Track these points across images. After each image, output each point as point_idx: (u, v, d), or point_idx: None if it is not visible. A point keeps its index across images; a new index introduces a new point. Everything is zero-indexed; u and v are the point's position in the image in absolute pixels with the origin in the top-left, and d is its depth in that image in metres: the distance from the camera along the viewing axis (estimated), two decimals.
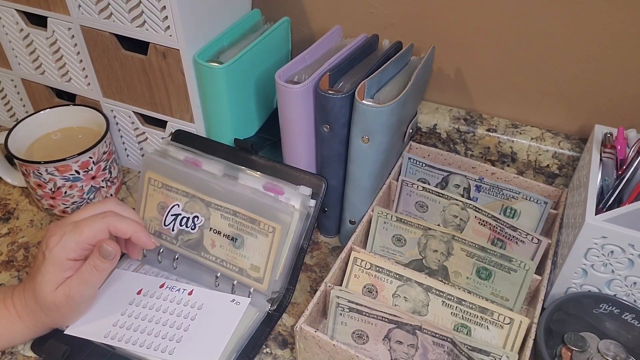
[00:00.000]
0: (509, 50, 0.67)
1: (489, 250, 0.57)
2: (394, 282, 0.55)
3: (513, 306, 0.56)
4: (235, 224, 0.59)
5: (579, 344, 0.54)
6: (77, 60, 0.69)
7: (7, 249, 0.67)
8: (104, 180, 0.71)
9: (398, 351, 0.52)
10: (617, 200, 0.57)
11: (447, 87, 0.74)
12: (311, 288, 0.63)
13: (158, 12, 0.58)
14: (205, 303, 0.57)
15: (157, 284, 0.59)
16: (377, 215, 0.61)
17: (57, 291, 0.50)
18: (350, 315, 0.52)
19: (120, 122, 0.74)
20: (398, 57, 0.61)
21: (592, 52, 0.63)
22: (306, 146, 0.62)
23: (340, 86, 0.58)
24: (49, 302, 0.51)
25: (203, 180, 0.60)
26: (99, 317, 0.56)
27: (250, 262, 0.58)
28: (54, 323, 0.54)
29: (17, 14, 0.68)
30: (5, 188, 0.76)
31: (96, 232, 0.51)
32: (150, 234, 0.54)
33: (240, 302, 0.57)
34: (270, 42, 0.67)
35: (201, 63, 0.60)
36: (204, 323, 0.55)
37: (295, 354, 0.55)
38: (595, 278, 0.55)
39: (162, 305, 0.57)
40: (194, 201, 0.61)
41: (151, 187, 0.63)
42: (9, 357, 0.55)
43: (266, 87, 0.69)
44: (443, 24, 0.69)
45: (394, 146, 0.63)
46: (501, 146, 0.71)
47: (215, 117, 0.65)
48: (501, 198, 0.65)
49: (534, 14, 0.63)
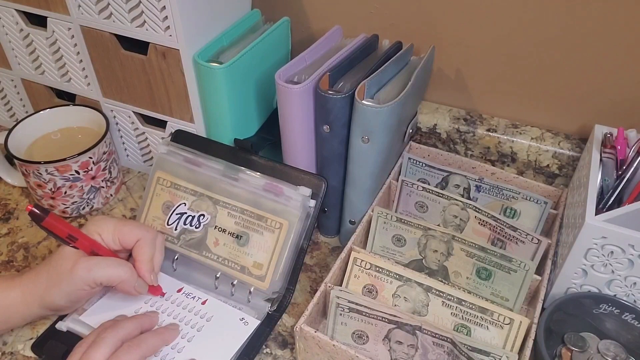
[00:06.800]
0: (508, 50, 0.67)
1: (489, 250, 0.57)
2: (394, 283, 0.55)
3: (513, 306, 0.56)
4: (241, 221, 0.60)
5: (579, 344, 0.54)
6: (77, 60, 0.69)
7: (7, 249, 0.67)
8: (103, 180, 0.71)
9: (398, 351, 0.52)
10: (617, 200, 0.57)
11: (447, 87, 0.74)
12: (311, 288, 0.63)
13: (158, 12, 0.58)
14: (215, 316, 0.57)
15: (175, 287, 0.60)
16: (377, 216, 0.61)
17: (65, 302, 0.53)
18: (350, 316, 0.52)
19: (120, 122, 0.74)
20: (398, 57, 0.61)
21: (592, 52, 0.63)
22: (306, 146, 0.62)
23: (340, 86, 0.58)
24: (55, 308, 0.53)
25: (214, 178, 0.61)
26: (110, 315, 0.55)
27: (253, 259, 0.59)
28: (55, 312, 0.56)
29: (17, 14, 0.68)
30: (5, 188, 0.76)
31: (122, 276, 0.53)
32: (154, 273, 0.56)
33: (249, 322, 0.56)
34: (270, 42, 0.67)
35: (201, 63, 0.60)
36: (208, 337, 0.55)
37: (295, 354, 0.55)
38: (595, 278, 0.55)
39: (174, 311, 0.57)
40: (201, 199, 0.62)
41: (159, 186, 0.64)
42: (9, 357, 0.55)
43: (266, 87, 0.69)
44: (443, 24, 0.69)
45: (394, 146, 0.63)
46: (501, 146, 0.71)
47: (215, 117, 0.65)
48: (501, 198, 0.65)
49: (534, 14, 0.63)
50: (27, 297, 0.52)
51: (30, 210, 0.49)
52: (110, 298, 0.58)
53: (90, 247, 0.53)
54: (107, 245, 0.54)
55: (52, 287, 0.52)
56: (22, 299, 0.52)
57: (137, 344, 0.49)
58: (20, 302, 0.52)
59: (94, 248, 0.53)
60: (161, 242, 0.57)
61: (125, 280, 0.53)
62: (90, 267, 0.51)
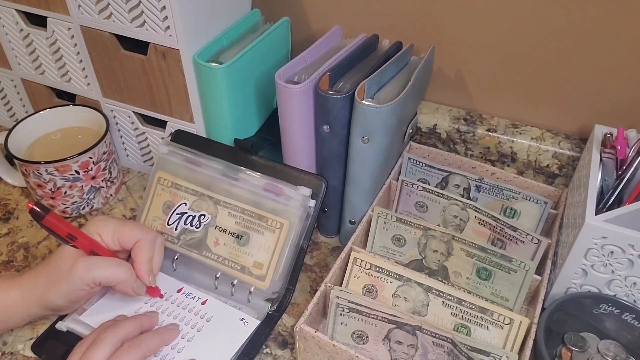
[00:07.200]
0: (508, 50, 0.67)
1: (489, 250, 0.57)
2: (394, 283, 0.55)
3: (513, 306, 0.56)
4: (242, 221, 0.60)
5: (579, 344, 0.54)
6: (77, 60, 0.69)
7: (7, 249, 0.67)
8: (103, 180, 0.71)
9: (398, 351, 0.52)
10: (617, 200, 0.57)
11: (447, 87, 0.74)
12: (311, 288, 0.63)
13: (158, 12, 0.58)
14: (215, 316, 0.57)
15: (175, 287, 0.60)
16: (377, 216, 0.61)
17: (65, 302, 0.53)
18: (350, 316, 0.52)
19: (120, 122, 0.74)
20: (398, 57, 0.61)
21: (592, 52, 0.63)
22: (306, 146, 0.62)
23: (340, 86, 0.58)
24: (55, 308, 0.53)
25: (215, 178, 0.62)
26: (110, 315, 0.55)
27: (253, 259, 0.59)
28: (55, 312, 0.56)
29: (17, 14, 0.68)
30: (5, 188, 0.76)
31: (121, 278, 0.53)
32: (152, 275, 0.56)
33: (249, 322, 0.56)
34: (270, 42, 0.67)
35: (201, 63, 0.60)
36: (208, 337, 0.55)
37: (295, 354, 0.55)
38: (595, 278, 0.55)
39: (174, 311, 0.57)
40: (202, 199, 0.62)
41: (159, 186, 0.64)
42: (9, 357, 0.55)
43: (266, 87, 0.69)
44: (443, 24, 0.69)
45: (394, 146, 0.63)
46: (501, 146, 0.71)
47: (215, 117, 0.65)
48: (501, 198, 0.65)
49: (534, 14, 0.63)
50: (27, 297, 0.52)
51: (31, 209, 0.49)
52: (110, 298, 0.58)
53: (90, 246, 0.53)
54: (106, 245, 0.54)
55: (51, 287, 0.52)
56: (21, 299, 0.52)
57: (137, 344, 0.49)
58: (20, 302, 0.52)
59: (93, 248, 0.53)
60: (160, 244, 0.57)
61: (124, 280, 0.53)
62: (89, 267, 0.51)
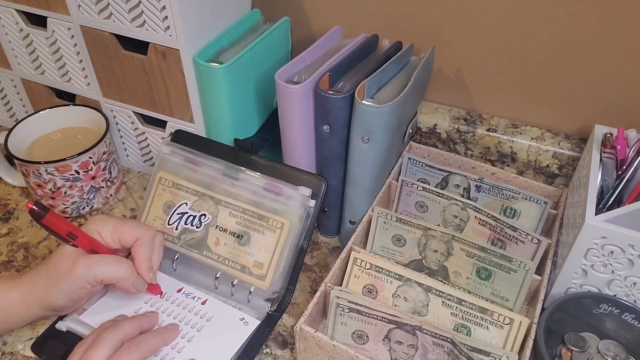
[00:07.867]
0: (509, 50, 0.67)
1: (489, 250, 0.57)
2: (394, 282, 0.55)
3: (513, 306, 0.56)
4: (243, 221, 0.60)
5: (579, 344, 0.54)
6: (77, 60, 0.69)
7: (7, 249, 0.67)
8: (103, 180, 0.71)
9: (398, 351, 0.52)
10: (617, 200, 0.57)
11: (447, 87, 0.74)
12: (311, 288, 0.63)
13: (158, 12, 0.58)
14: (215, 316, 0.57)
15: (175, 287, 0.60)
16: (377, 216, 0.61)
17: (66, 301, 0.53)
18: (350, 316, 0.52)
19: (120, 122, 0.74)
20: (398, 57, 0.61)
21: (592, 52, 0.63)
22: (306, 146, 0.62)
23: (340, 86, 0.58)
24: (55, 308, 0.53)
25: (215, 178, 0.62)
26: (110, 314, 0.55)
27: (254, 259, 0.59)
28: (55, 312, 0.56)
29: (17, 14, 0.68)
30: (5, 188, 0.76)
31: (122, 275, 0.53)
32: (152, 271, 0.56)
33: (249, 322, 0.56)
34: (270, 42, 0.67)
35: (201, 63, 0.60)
36: (208, 337, 0.55)
37: (295, 354, 0.55)
38: (595, 278, 0.55)
39: (174, 311, 0.57)
40: (203, 199, 0.62)
41: (160, 186, 0.64)
42: (9, 357, 0.55)
43: (266, 87, 0.69)
44: (443, 24, 0.69)
45: (394, 146, 0.63)
46: (501, 146, 0.71)
47: (215, 117, 0.65)
48: (501, 198, 0.65)
49: (534, 14, 0.63)
50: (27, 298, 0.52)
51: (31, 208, 0.49)
52: (110, 298, 0.58)
53: (90, 245, 0.53)
54: (106, 244, 0.54)
55: (51, 287, 0.52)
56: (22, 300, 0.52)
57: (137, 344, 0.49)
58: (20, 303, 0.52)
59: (93, 246, 0.53)
60: (160, 242, 0.57)
61: (125, 277, 0.53)
62: (90, 265, 0.51)
